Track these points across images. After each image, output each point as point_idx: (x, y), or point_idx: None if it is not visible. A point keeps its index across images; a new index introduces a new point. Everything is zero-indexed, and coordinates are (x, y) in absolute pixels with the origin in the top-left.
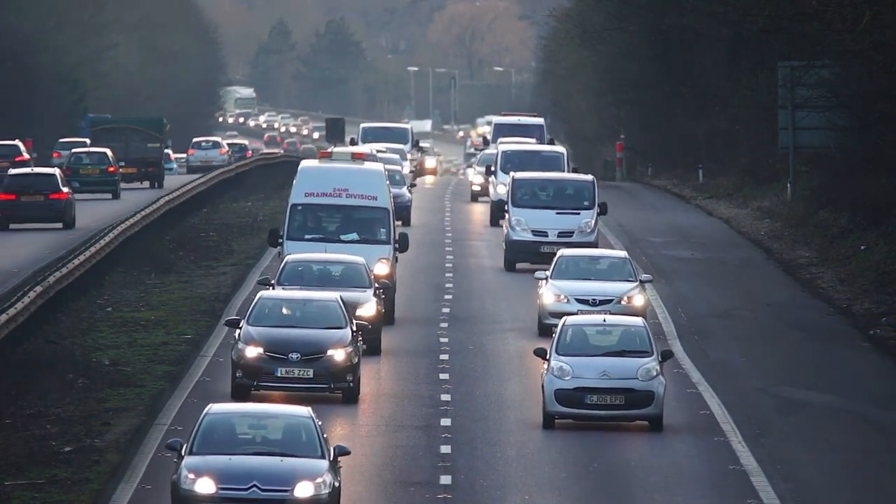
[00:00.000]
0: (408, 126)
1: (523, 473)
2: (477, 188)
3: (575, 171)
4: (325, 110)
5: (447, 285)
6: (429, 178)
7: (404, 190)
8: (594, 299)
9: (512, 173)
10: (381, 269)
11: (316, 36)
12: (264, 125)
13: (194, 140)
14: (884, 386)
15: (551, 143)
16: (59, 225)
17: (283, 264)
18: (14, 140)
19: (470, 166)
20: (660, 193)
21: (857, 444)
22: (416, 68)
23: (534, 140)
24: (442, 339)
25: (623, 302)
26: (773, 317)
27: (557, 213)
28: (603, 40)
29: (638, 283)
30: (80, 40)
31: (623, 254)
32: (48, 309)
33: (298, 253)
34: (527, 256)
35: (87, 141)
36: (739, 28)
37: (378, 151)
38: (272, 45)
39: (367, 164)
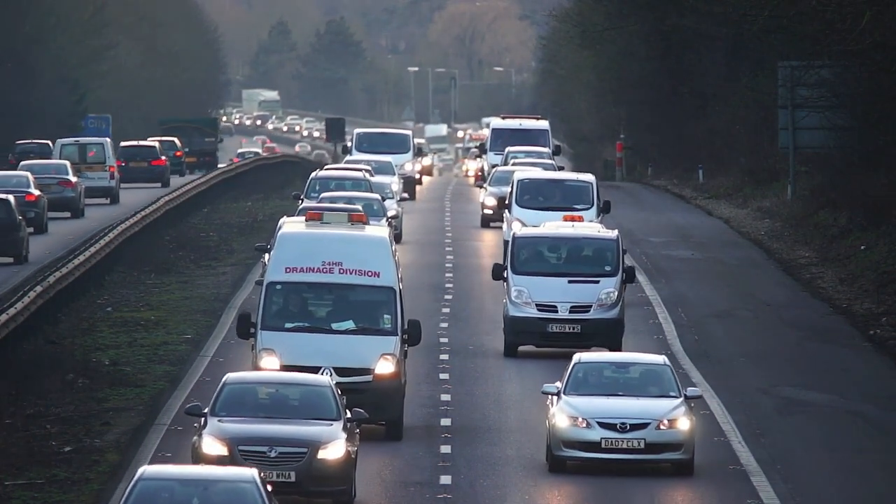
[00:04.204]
0: (408, 132)
1: (523, 473)
2: (489, 212)
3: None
4: (325, 110)
5: (447, 285)
6: (424, 178)
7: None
8: (623, 423)
9: (514, 231)
10: (385, 367)
11: (316, 36)
12: (285, 128)
13: (238, 151)
14: (884, 386)
15: (557, 150)
16: (159, 185)
17: (220, 386)
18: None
19: (478, 171)
20: (660, 193)
21: (857, 444)
22: (416, 68)
23: (542, 148)
24: (442, 339)
25: (662, 427)
26: (773, 317)
27: (570, 282)
28: (603, 40)
29: (682, 399)
30: (79, 40)
31: (662, 359)
32: (48, 309)
33: (273, 347)
34: (531, 338)
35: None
36: (739, 28)
37: (367, 172)
38: (272, 45)
39: (368, 230)
